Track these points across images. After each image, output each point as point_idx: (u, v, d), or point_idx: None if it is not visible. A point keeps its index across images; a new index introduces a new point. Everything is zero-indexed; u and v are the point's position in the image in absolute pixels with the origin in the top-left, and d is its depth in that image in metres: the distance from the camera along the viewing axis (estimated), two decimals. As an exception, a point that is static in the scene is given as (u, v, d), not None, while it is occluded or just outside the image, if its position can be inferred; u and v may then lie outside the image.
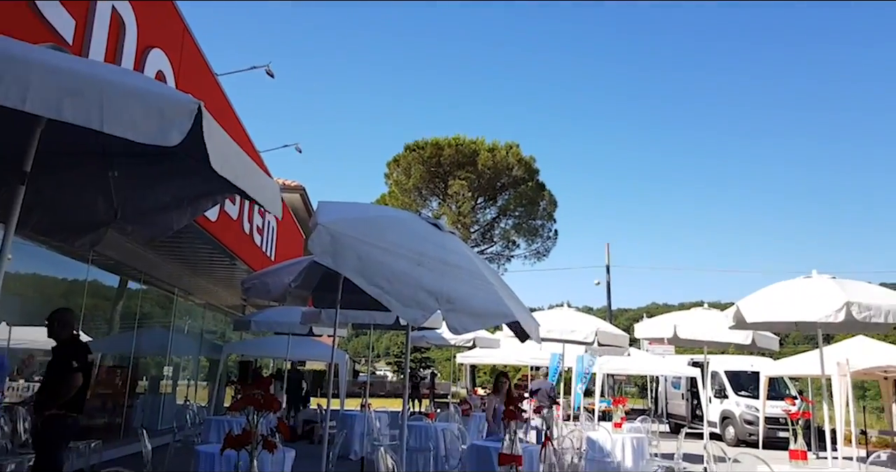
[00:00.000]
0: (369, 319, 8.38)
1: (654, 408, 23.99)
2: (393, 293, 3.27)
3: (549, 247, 36.50)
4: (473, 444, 8.17)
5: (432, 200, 35.84)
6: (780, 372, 16.83)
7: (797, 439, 6.26)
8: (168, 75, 6.97)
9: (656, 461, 9.78)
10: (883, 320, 6.40)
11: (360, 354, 59.45)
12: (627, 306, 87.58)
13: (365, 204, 4.48)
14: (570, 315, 10.86)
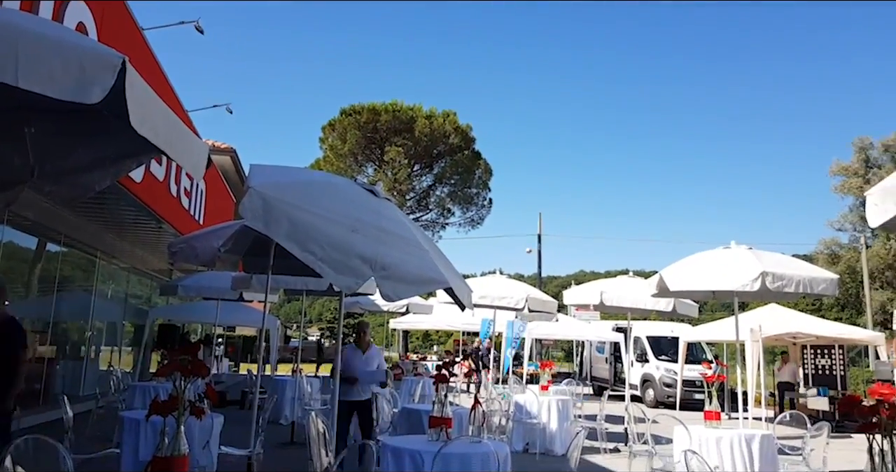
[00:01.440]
0: (302, 285, 8.31)
1: (579, 371, 24.86)
2: (326, 260, 3.25)
3: (483, 215, 36.82)
4: (405, 407, 8.30)
5: (368, 167, 35.46)
6: (698, 338, 17.69)
7: (712, 400, 6.62)
8: (90, 28, 6.58)
9: (580, 422, 10.17)
10: (794, 289, 6.79)
11: (292, 319, 58.92)
12: (557, 273, 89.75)
13: (299, 168, 4.41)
14: (501, 282, 11.05)
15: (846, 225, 41.49)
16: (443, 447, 4.24)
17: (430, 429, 4.71)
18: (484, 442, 4.83)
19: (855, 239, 39.54)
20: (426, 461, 4.21)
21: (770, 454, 6.21)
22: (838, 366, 15.92)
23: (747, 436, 6.15)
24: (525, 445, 9.84)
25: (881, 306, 35.88)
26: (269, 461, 6.61)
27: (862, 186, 37.10)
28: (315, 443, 4.93)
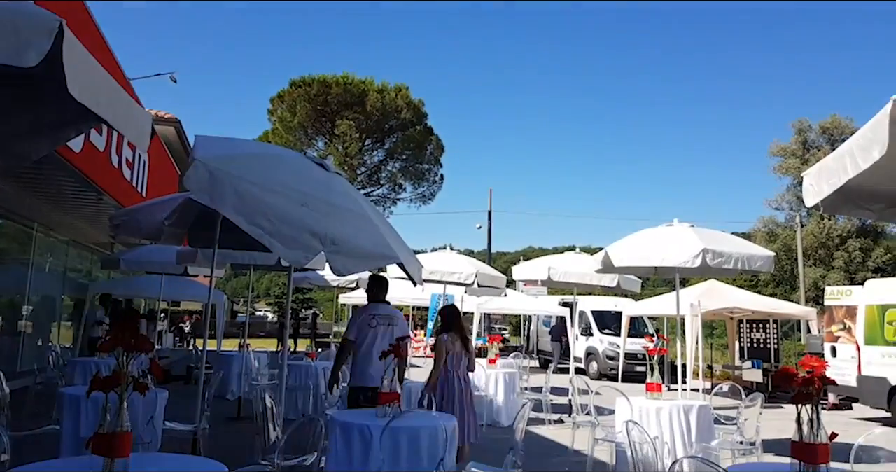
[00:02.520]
0: (249, 259, 8.18)
1: (525, 345, 25.31)
2: (275, 234, 3.21)
3: (434, 191, 36.79)
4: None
5: (318, 140, 34.90)
6: (641, 312, 18.19)
7: (653, 373, 6.84)
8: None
9: (526, 394, 10.39)
10: (733, 266, 7.03)
11: (240, 294, 58.05)
12: (506, 249, 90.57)
13: (246, 140, 4.32)
14: (452, 258, 11.11)
15: (783, 204, 43.06)
16: (391, 420, 4.28)
17: (378, 405, 4.73)
18: (432, 415, 4.90)
19: (791, 218, 41.10)
20: (375, 436, 4.24)
21: (707, 424, 6.48)
22: (772, 339, 16.64)
23: (685, 407, 6.39)
24: (472, 417, 10.01)
25: (814, 282, 37.52)
26: (215, 436, 6.56)
27: (800, 166, 38.43)
28: (262, 418, 4.92)
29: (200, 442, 5.91)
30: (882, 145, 2.82)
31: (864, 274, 34.78)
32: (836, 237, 40.09)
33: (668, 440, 6.21)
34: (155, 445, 5.50)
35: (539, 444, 8.44)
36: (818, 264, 40.26)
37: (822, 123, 41.80)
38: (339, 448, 4.41)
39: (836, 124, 40.91)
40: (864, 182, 3.50)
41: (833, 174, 3.39)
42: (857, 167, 3.11)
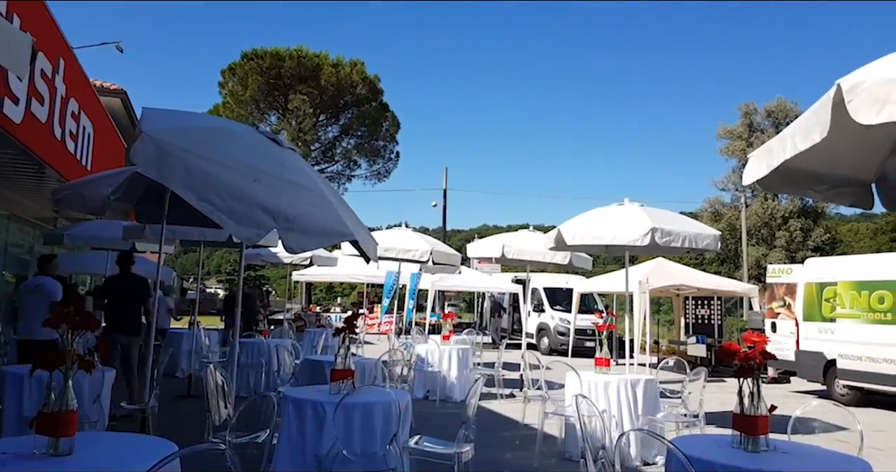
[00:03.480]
0: (199, 235, 8.02)
1: (479, 322, 25.59)
2: (226, 210, 3.15)
3: (390, 168, 36.55)
4: (307, 359, 8.30)
5: (271, 115, 34.20)
6: (591, 289, 18.56)
7: (602, 348, 7.01)
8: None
9: (479, 370, 10.54)
10: (680, 244, 7.22)
11: (189, 271, 56.90)
12: (461, 227, 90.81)
13: (196, 113, 4.21)
14: (407, 235, 11.11)
15: (729, 185, 44.24)
16: (345, 397, 4.29)
17: (331, 381, 4.74)
18: (386, 391, 4.93)
19: (736, 199, 42.29)
20: (328, 412, 4.25)
21: (653, 397, 6.69)
22: (716, 316, 17.19)
23: (633, 381, 6.58)
24: (426, 392, 10.11)
25: (756, 261, 38.82)
26: (164, 414, 6.48)
27: (745, 148, 39.47)
28: (213, 396, 4.87)
29: (149, 421, 5.83)
30: (824, 128, 2.91)
31: (804, 253, 36.13)
32: (778, 217, 41.47)
33: (615, 413, 6.39)
34: (102, 424, 5.40)
35: (491, 418, 8.59)
36: (761, 243, 41.64)
37: (768, 106, 42.92)
38: (291, 425, 4.41)
39: (781, 108, 42.06)
40: (807, 164, 3.62)
41: (775, 155, 3.50)
42: (796, 149, 3.21)
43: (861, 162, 4.26)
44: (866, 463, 3.04)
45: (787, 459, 3.07)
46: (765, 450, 3.16)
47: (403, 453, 4.50)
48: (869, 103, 2.71)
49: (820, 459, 3.26)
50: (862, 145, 4.08)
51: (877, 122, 2.71)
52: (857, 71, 2.90)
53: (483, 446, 6.23)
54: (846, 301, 11.04)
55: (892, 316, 10.20)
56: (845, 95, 2.77)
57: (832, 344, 11.21)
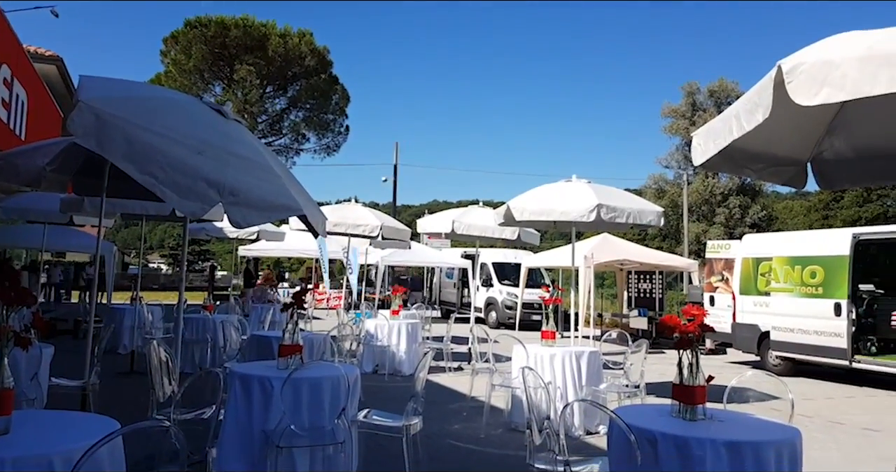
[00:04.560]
0: (141, 209, 7.79)
1: (428, 296, 25.71)
2: (168, 183, 3.06)
3: (339, 142, 36.03)
4: (254, 334, 8.21)
5: (216, 85, 33.16)
6: (538, 264, 18.84)
7: (548, 321, 7.14)
8: None
9: (428, 343, 10.62)
10: (625, 220, 7.38)
11: (131, 246, 55.32)
12: (411, 202, 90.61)
13: (137, 82, 4.05)
14: (357, 210, 11.03)
15: (672, 163, 45.32)
16: (293, 372, 4.27)
17: (279, 357, 4.70)
18: (334, 366, 4.92)
19: (679, 176, 43.36)
20: (276, 387, 4.23)
21: (596, 369, 6.87)
22: (657, 290, 17.70)
23: (577, 353, 6.74)
24: (375, 366, 10.15)
25: (696, 236, 39.99)
26: (106, 391, 6.33)
27: (688, 127, 40.41)
28: (157, 372, 4.79)
29: (90, 398, 5.69)
30: (766, 108, 3.00)
31: (741, 229, 37.41)
32: (718, 195, 42.73)
33: (560, 384, 6.54)
34: (40, 402, 5.25)
35: (439, 391, 8.69)
36: (701, 220, 42.90)
37: (710, 86, 43.91)
38: (238, 401, 4.37)
39: (722, 87, 43.09)
40: (747, 143, 3.73)
41: (719, 135, 3.58)
42: (741, 129, 3.29)
43: (798, 142, 4.41)
44: (796, 430, 3.20)
45: (722, 427, 3.21)
46: (702, 419, 3.29)
47: (352, 426, 4.53)
48: (807, 85, 2.79)
49: (753, 426, 3.41)
50: (799, 126, 4.22)
51: (814, 103, 2.80)
52: (798, 52, 2.97)
53: (431, 418, 6.32)
54: (780, 276, 11.50)
55: (822, 290, 10.68)
56: (785, 77, 2.84)
57: (766, 317, 11.68)
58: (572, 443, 6.00)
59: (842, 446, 6.56)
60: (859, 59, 2.72)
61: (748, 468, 2.90)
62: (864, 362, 10.20)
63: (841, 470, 5.68)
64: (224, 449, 4.32)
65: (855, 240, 10.42)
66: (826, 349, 10.51)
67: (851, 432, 7.24)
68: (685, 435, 3.00)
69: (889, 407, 8.86)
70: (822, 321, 10.57)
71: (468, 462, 5.64)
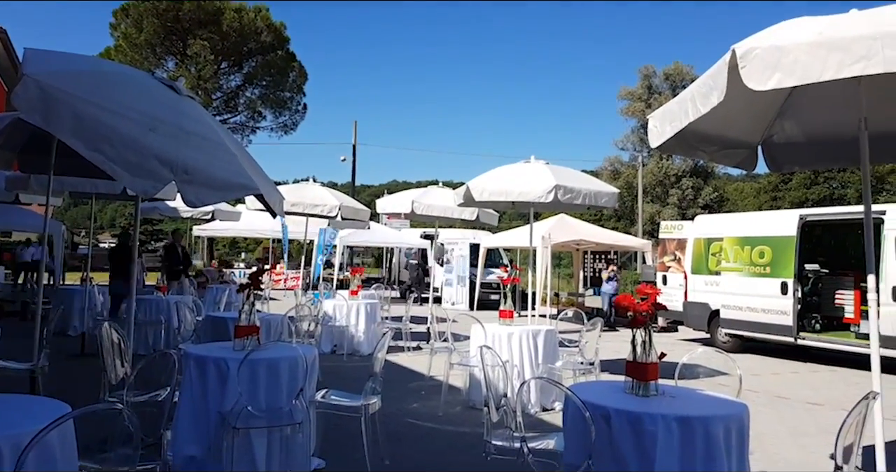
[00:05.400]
0: (91, 187, 7.57)
1: (387, 276, 25.70)
2: (119, 161, 2.97)
3: (297, 120, 35.49)
4: (209, 315, 8.11)
5: (168, 60, 32.22)
6: (497, 244, 18.98)
7: (506, 301, 7.22)
8: None
9: (387, 323, 10.63)
10: (581, 201, 7.48)
11: (81, 225, 53.72)
12: (370, 182, 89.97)
13: (85, 56, 3.89)
14: (315, 190, 10.91)
15: (628, 145, 46.02)
16: (249, 353, 4.23)
17: (235, 338, 4.65)
18: (292, 347, 4.89)
19: (634, 158, 44.03)
20: (232, 368, 4.18)
21: (552, 347, 6.99)
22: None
23: (534, 331, 6.84)
24: (333, 347, 10.14)
25: (650, 217, 40.78)
26: (56, 374, 6.18)
27: (644, 110, 40.98)
28: (109, 354, 4.69)
29: (39, 381, 5.55)
30: (720, 92, 3.05)
31: (694, 210, 38.26)
32: (672, 176, 43.57)
33: (517, 362, 6.64)
34: (-14, 386, 5.10)
35: (398, 371, 8.74)
36: (655, 201, 43.72)
37: (666, 69, 44.53)
38: (193, 382, 4.31)
39: (678, 71, 43.74)
40: (701, 126, 3.80)
41: (675, 118, 3.65)
42: (696, 112, 3.36)
43: (749, 126, 4.52)
44: (744, 405, 3.32)
45: (674, 402, 3.31)
46: (654, 395, 3.38)
47: (310, 407, 4.52)
48: (760, 70, 2.85)
49: (703, 402, 3.52)
50: (751, 109, 4.32)
51: (767, 88, 2.86)
52: (752, 37, 3.03)
53: (390, 398, 6.35)
54: (730, 256, 11.82)
55: (770, 270, 11.03)
56: (739, 61, 2.89)
57: (716, 296, 12.02)
58: (529, 420, 6.11)
59: (786, 419, 6.82)
60: (810, 44, 2.79)
61: (698, 442, 2.99)
62: (808, 338, 10.60)
63: (785, 443, 5.92)
64: (179, 431, 4.27)
65: (801, 221, 10.76)
66: (773, 327, 10.88)
67: (795, 406, 7.54)
68: (638, 411, 3.08)
69: (830, 382, 9.24)
70: (769, 300, 10.92)
71: (426, 440, 5.70)
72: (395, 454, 5.04)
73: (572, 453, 3.25)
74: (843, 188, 42.65)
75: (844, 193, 41.95)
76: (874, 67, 2.64)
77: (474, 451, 4.74)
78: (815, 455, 5.44)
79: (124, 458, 2.88)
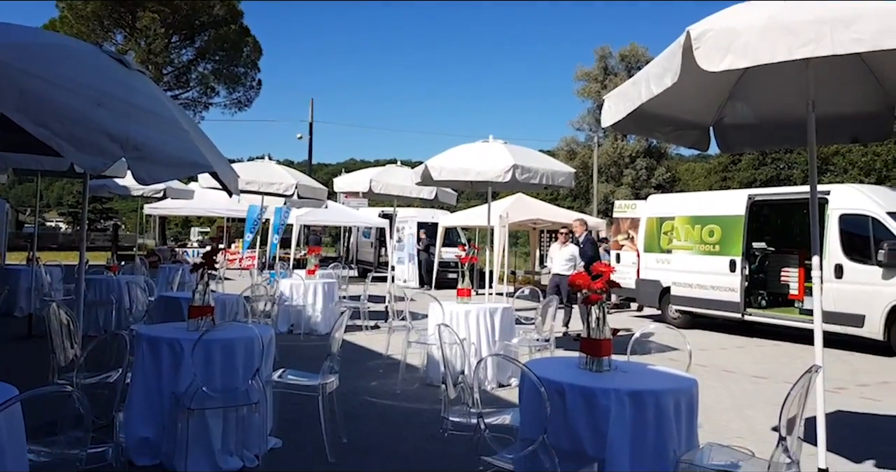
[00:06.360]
0: (36, 164, 7.30)
1: (345, 256, 25.54)
2: (66, 136, 2.87)
3: (251, 97, 34.78)
4: (162, 295, 7.96)
5: (116, 33, 31.12)
6: (455, 223, 19.04)
7: (464, 279, 7.28)
8: None
9: (345, 303, 10.60)
10: (538, 181, 7.54)
11: (26, 203, 51.88)
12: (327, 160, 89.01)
13: (28, 28, 3.73)
14: (271, 168, 10.74)
15: (584, 125, 46.46)
16: (204, 333, 4.18)
17: (189, 318, 4.58)
18: (248, 326, 4.85)
19: (590, 138, 44.49)
20: (186, 349, 4.13)
21: (509, 324, 7.08)
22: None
23: (491, 309, 6.92)
24: (290, 326, 10.07)
25: (605, 197, 41.39)
26: (2, 356, 6.01)
27: (599, 91, 41.35)
28: (57, 335, 4.57)
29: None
30: (675, 73, 3.10)
31: (647, 190, 38.94)
32: (626, 157, 44.22)
33: (474, 340, 6.71)
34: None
35: (356, 350, 8.74)
36: (610, 181, 44.37)
37: (622, 50, 44.92)
38: (146, 364, 4.25)
39: (633, 52, 44.18)
40: (655, 107, 3.86)
41: (630, 98, 3.69)
42: (651, 92, 3.40)
43: (702, 106, 4.61)
44: (693, 380, 3.43)
45: (626, 377, 3.40)
46: (607, 370, 3.46)
47: (267, 386, 4.50)
48: (713, 51, 2.90)
49: (654, 376, 3.63)
50: (704, 91, 4.41)
51: (719, 69, 2.92)
52: (706, 19, 3.08)
53: (348, 376, 6.36)
54: (681, 234, 12.09)
55: (719, 248, 11.33)
56: (693, 43, 2.94)
57: (668, 273, 12.31)
58: (485, 396, 6.19)
59: (733, 392, 7.07)
60: (762, 27, 2.85)
61: (649, 415, 3.09)
62: (754, 314, 10.96)
63: (732, 415, 6.14)
64: (132, 413, 4.21)
65: (750, 201, 11.06)
66: (721, 303, 11.21)
67: (741, 379, 7.82)
68: (591, 386, 3.16)
69: (775, 356, 9.60)
70: (718, 277, 11.23)
71: (384, 417, 5.74)
72: (353, 431, 5.06)
73: (528, 427, 3.31)
74: (790, 169, 43.88)
75: (791, 173, 43.17)
76: (822, 50, 2.72)
77: (432, 427, 4.80)
78: (760, 427, 5.66)
79: (75, 441, 2.82)
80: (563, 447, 3.08)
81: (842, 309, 9.28)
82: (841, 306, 9.29)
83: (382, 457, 4.69)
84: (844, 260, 9.54)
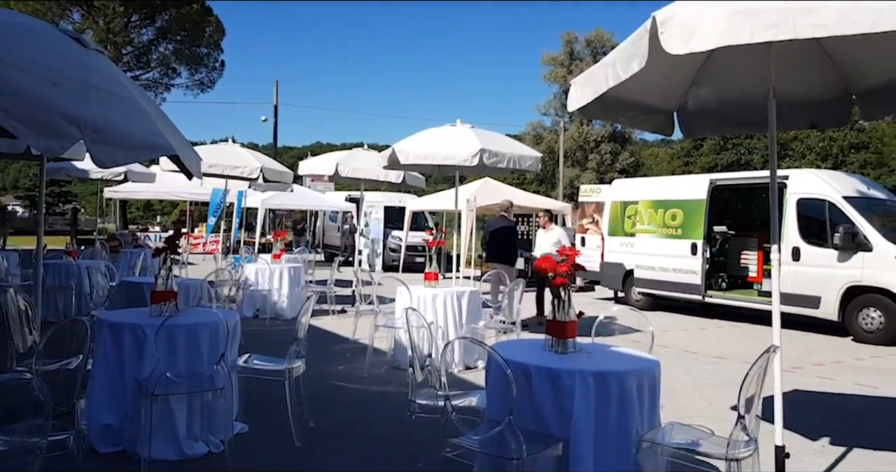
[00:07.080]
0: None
1: (311, 240, 25.35)
2: (21, 118, 2.78)
3: (214, 78, 34.08)
4: (123, 281, 7.82)
5: (73, 11, 30.10)
6: (423, 207, 19.01)
7: (432, 263, 7.29)
8: None
9: (311, 287, 10.55)
10: (506, 165, 7.58)
11: (-22, 186, 50.18)
12: (293, 144, 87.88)
13: (-25, 2, 3.60)
14: (234, 151, 10.58)
15: (551, 110, 46.65)
16: (167, 319, 4.12)
17: (152, 304, 4.51)
18: (212, 311, 4.80)
19: (556, 123, 44.71)
20: (149, 335, 4.07)
21: (475, 307, 7.13)
22: (534, 231, 18.39)
23: (458, 293, 6.95)
24: (256, 311, 9.98)
25: (570, 181, 41.73)
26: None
27: (566, 75, 41.50)
28: (15, 322, 4.47)
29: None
30: (641, 58, 3.13)
31: (612, 174, 39.35)
32: (591, 141, 44.58)
33: (441, 324, 6.74)
34: None
35: (322, 334, 8.71)
36: (575, 165, 44.73)
37: (588, 35, 45.10)
38: (108, 350, 4.18)
39: (599, 37, 44.38)
40: (621, 92, 3.89)
41: (596, 82, 3.72)
42: (617, 78, 3.43)
43: (667, 92, 4.66)
44: (656, 361, 3.50)
45: (591, 359, 3.45)
46: (572, 352, 3.52)
47: (232, 371, 4.46)
48: (678, 34, 2.93)
49: (618, 357, 3.70)
50: (669, 76, 4.45)
51: (684, 52, 2.95)
52: (672, 4, 3.11)
53: (314, 361, 6.34)
54: (645, 218, 12.28)
55: (681, 232, 11.53)
56: (659, 27, 2.97)
57: (631, 256, 12.50)
58: (453, 379, 6.24)
59: (694, 372, 7.24)
60: (727, 12, 2.90)
61: (613, 395, 3.15)
62: (714, 296, 11.21)
63: (693, 394, 6.29)
64: (94, 400, 4.15)
65: (711, 185, 11.26)
66: (683, 285, 11.43)
67: (702, 359, 8.00)
68: (556, 367, 3.21)
69: (735, 337, 9.85)
70: (680, 260, 11.45)
71: (351, 401, 5.75)
72: (320, 415, 5.06)
73: (494, 409, 3.35)
74: (750, 154, 44.72)
75: (751, 158, 44.02)
76: (784, 34, 2.77)
77: (399, 410, 4.82)
78: (720, 406, 5.82)
79: (35, 429, 2.77)
80: (529, 427, 3.13)
81: (799, 291, 9.54)
82: (798, 288, 9.55)
83: (350, 440, 4.70)
84: (802, 243, 9.79)
